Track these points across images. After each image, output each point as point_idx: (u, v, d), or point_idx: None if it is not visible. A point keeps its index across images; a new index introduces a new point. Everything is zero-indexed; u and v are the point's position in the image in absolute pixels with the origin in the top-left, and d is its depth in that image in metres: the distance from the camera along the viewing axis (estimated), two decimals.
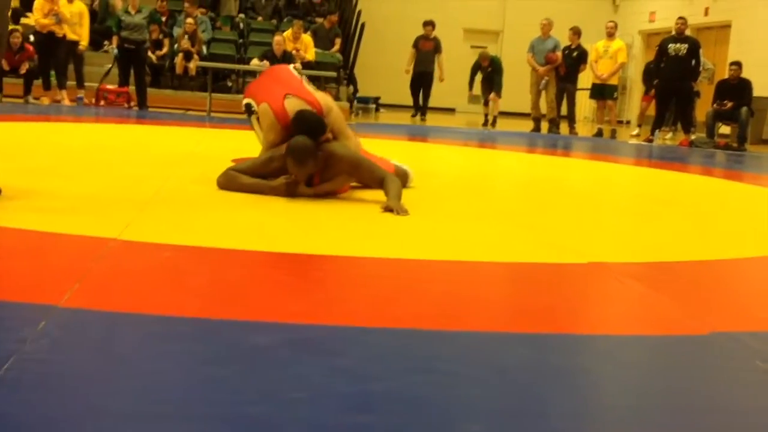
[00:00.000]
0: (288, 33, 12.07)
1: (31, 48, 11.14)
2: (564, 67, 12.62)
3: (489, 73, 13.54)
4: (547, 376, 1.76)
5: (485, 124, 13.61)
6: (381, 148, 7.96)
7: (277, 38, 11.46)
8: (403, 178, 4.38)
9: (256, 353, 1.75)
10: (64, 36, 11.42)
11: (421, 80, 14.18)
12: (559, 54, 12.64)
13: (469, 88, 13.93)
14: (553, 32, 13.00)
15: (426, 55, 13.98)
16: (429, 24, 14.13)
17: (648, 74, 13.50)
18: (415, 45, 14.11)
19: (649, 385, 1.78)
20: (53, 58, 11.13)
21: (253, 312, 2.09)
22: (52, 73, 11.26)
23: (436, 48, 14.02)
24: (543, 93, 12.89)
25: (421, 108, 14.31)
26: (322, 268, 2.70)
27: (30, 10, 12.11)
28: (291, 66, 4.67)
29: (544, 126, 12.92)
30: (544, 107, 12.96)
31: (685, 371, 1.90)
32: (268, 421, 1.42)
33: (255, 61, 11.40)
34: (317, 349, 1.81)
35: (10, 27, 11.75)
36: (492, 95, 13.56)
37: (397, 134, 10.30)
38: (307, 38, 12.23)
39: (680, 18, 11.69)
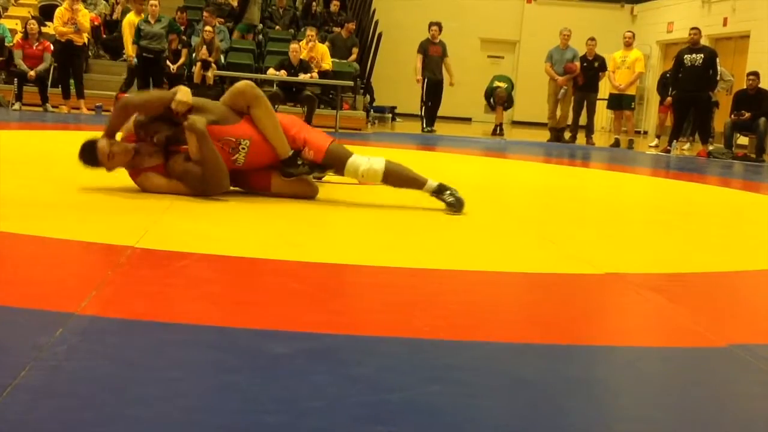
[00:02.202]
0: (303, 42, 12.11)
1: (47, 43, 11.24)
2: (582, 77, 12.61)
3: (502, 103, 13.75)
4: (564, 387, 1.76)
5: (494, 132, 13.62)
6: (397, 158, 7.96)
7: (293, 46, 11.49)
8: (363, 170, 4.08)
9: (272, 362, 1.75)
10: (84, 45, 11.53)
11: (435, 89, 13.61)
12: (577, 64, 12.64)
13: (491, 109, 13.99)
14: (572, 42, 12.98)
15: (436, 61, 13.13)
16: (435, 25, 13.19)
17: (663, 84, 13.45)
18: (424, 51, 13.12)
19: (666, 397, 1.77)
20: (72, 66, 11.22)
21: (270, 321, 2.09)
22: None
23: (444, 52, 13.24)
24: (560, 103, 12.88)
25: (430, 118, 13.70)
26: (339, 278, 2.70)
27: (50, 19, 12.25)
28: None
29: (547, 135, 12.90)
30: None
31: (703, 383, 1.88)
32: (285, 430, 1.42)
33: (271, 71, 11.43)
34: (334, 359, 1.81)
35: (30, 14, 11.95)
36: (498, 112, 13.78)
37: (412, 144, 10.30)
38: (322, 48, 12.26)
39: (693, 28, 11.64)
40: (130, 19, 11.59)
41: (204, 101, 4.05)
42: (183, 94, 3.90)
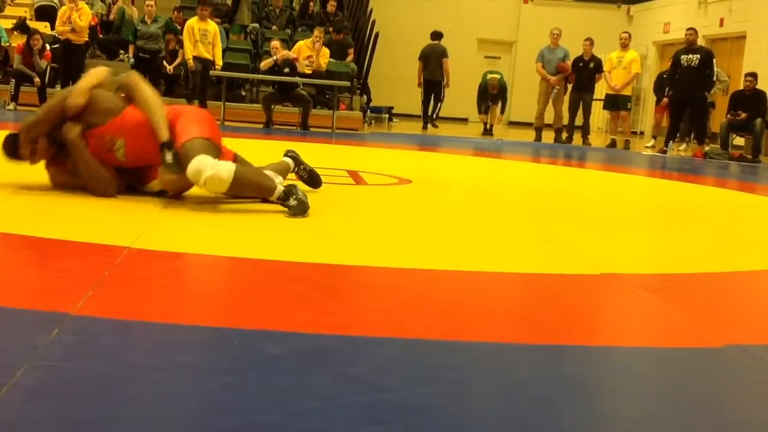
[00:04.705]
0: (308, 41, 12.12)
1: (47, 53, 11.29)
2: (577, 78, 12.65)
3: (496, 95, 13.83)
4: (558, 388, 1.76)
5: (485, 132, 13.74)
6: (393, 158, 7.97)
7: (273, 43, 11.53)
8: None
9: (267, 362, 1.75)
10: (86, 43, 11.56)
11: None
12: (569, 63, 12.70)
13: (479, 111, 14.18)
14: (568, 43, 13.02)
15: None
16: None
17: (660, 85, 13.49)
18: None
19: (662, 398, 1.78)
20: (72, 65, 11.24)
21: (264, 321, 2.09)
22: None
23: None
24: (551, 103, 12.94)
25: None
26: (334, 278, 2.70)
27: (46, 20, 12.31)
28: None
29: (547, 136, 12.92)
30: (549, 117, 13.01)
31: (699, 384, 1.89)
32: (278, 430, 1.42)
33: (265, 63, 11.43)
34: (328, 359, 1.81)
35: (27, 14, 11.96)
36: (498, 116, 14.00)
37: (409, 144, 10.31)
38: (324, 50, 12.26)
39: (689, 29, 11.67)
40: (191, 25, 11.38)
41: (101, 97, 3.84)
42: (75, 95, 3.77)
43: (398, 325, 2.13)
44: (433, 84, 14.10)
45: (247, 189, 3.77)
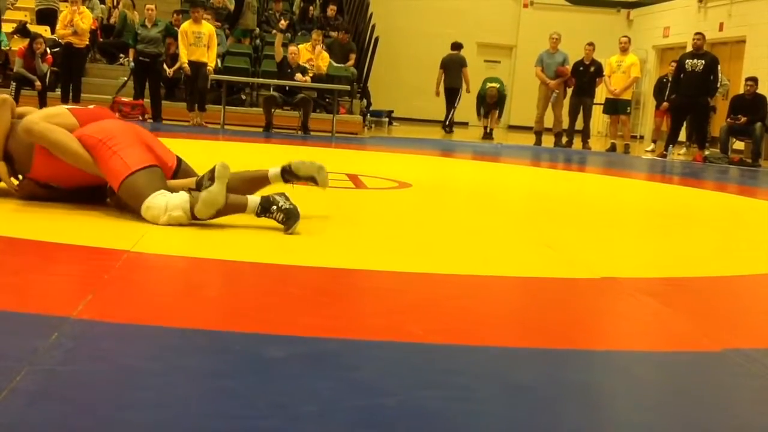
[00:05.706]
0: (308, 44, 12.14)
1: (49, 57, 11.30)
2: (577, 81, 12.66)
3: (494, 103, 14.05)
4: (559, 392, 1.76)
5: (485, 136, 13.80)
6: (393, 162, 7.98)
7: (291, 48, 11.52)
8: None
9: (268, 366, 1.75)
10: (88, 47, 11.56)
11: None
12: (568, 68, 12.72)
13: (478, 117, 14.44)
14: (568, 47, 13.04)
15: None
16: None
17: (660, 89, 13.50)
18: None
19: (661, 402, 1.77)
20: (72, 70, 11.25)
21: (266, 325, 2.09)
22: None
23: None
24: (550, 107, 12.97)
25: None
26: (334, 282, 2.70)
27: (46, 24, 12.29)
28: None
29: (547, 140, 12.94)
30: (549, 121, 13.04)
31: (698, 388, 1.89)
32: None
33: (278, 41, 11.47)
34: (330, 363, 1.81)
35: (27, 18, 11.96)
36: (495, 120, 14.25)
37: (409, 148, 10.31)
38: (324, 53, 12.28)
39: (697, 34, 11.66)
40: (184, 28, 11.31)
41: (11, 151, 3.60)
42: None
43: (399, 329, 2.13)
44: (452, 91, 14.49)
45: (212, 214, 3.33)
